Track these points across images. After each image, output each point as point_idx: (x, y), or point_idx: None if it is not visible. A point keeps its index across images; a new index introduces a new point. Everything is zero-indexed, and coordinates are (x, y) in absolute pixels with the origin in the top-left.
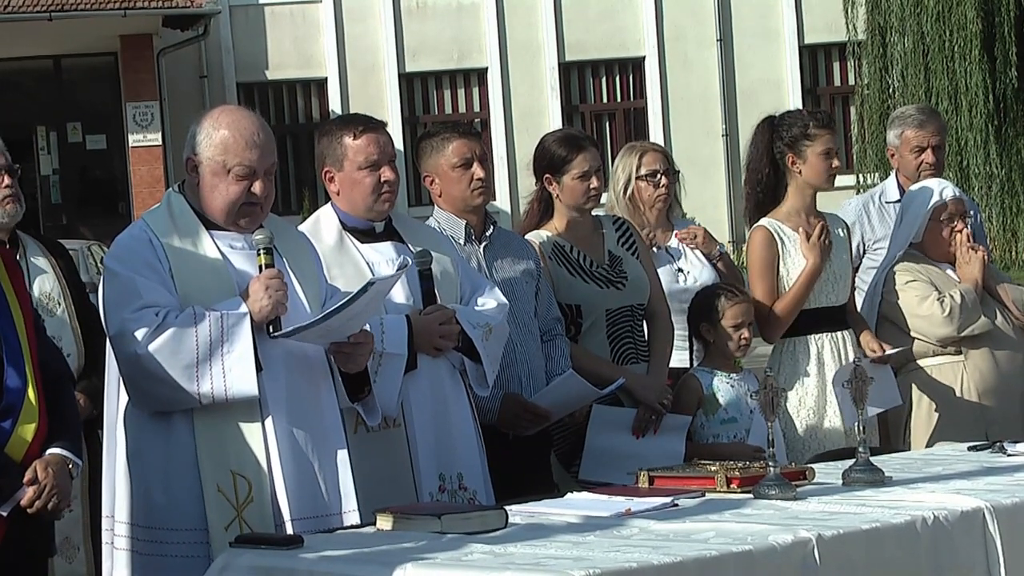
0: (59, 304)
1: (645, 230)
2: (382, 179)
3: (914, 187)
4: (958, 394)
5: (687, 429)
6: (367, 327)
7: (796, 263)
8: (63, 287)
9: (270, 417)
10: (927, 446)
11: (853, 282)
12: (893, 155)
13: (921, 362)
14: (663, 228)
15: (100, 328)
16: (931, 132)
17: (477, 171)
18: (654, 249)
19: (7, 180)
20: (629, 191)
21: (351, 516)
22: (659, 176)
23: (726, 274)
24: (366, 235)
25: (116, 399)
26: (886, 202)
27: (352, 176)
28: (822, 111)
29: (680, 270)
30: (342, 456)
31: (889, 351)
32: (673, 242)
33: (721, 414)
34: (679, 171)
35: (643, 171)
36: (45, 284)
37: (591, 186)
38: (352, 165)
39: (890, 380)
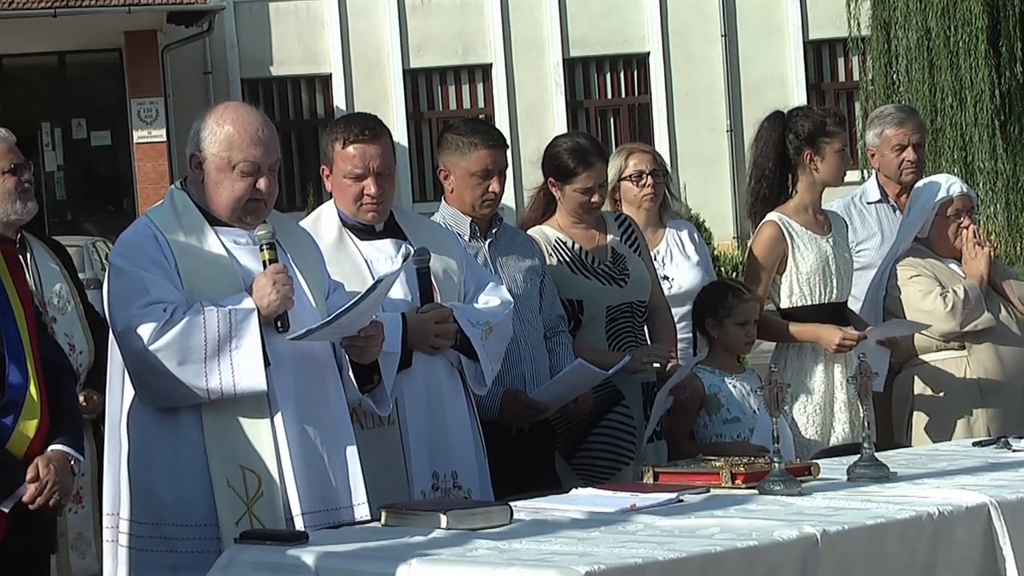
0: (69, 302)
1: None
2: (364, 191)
3: (921, 182)
4: (961, 390)
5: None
6: (375, 317)
7: (805, 258)
8: (71, 286)
9: (279, 412)
10: (930, 442)
11: None
12: (873, 155)
13: (924, 357)
14: (653, 227)
15: (104, 324)
16: (911, 130)
17: (493, 185)
18: None
19: (27, 175)
20: (617, 192)
21: (361, 509)
22: (645, 176)
23: None
24: (366, 233)
25: (120, 396)
26: (867, 203)
27: (339, 181)
28: (836, 109)
29: (666, 277)
30: (351, 450)
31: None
32: (662, 245)
33: (724, 414)
34: (668, 172)
35: (629, 171)
36: (55, 283)
37: (592, 200)
38: (339, 171)
39: (883, 366)
